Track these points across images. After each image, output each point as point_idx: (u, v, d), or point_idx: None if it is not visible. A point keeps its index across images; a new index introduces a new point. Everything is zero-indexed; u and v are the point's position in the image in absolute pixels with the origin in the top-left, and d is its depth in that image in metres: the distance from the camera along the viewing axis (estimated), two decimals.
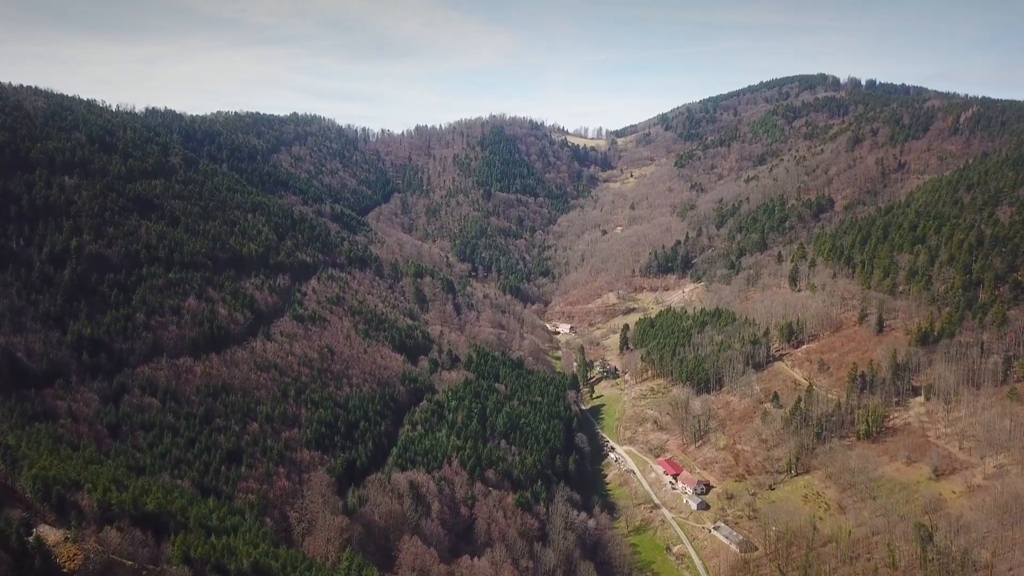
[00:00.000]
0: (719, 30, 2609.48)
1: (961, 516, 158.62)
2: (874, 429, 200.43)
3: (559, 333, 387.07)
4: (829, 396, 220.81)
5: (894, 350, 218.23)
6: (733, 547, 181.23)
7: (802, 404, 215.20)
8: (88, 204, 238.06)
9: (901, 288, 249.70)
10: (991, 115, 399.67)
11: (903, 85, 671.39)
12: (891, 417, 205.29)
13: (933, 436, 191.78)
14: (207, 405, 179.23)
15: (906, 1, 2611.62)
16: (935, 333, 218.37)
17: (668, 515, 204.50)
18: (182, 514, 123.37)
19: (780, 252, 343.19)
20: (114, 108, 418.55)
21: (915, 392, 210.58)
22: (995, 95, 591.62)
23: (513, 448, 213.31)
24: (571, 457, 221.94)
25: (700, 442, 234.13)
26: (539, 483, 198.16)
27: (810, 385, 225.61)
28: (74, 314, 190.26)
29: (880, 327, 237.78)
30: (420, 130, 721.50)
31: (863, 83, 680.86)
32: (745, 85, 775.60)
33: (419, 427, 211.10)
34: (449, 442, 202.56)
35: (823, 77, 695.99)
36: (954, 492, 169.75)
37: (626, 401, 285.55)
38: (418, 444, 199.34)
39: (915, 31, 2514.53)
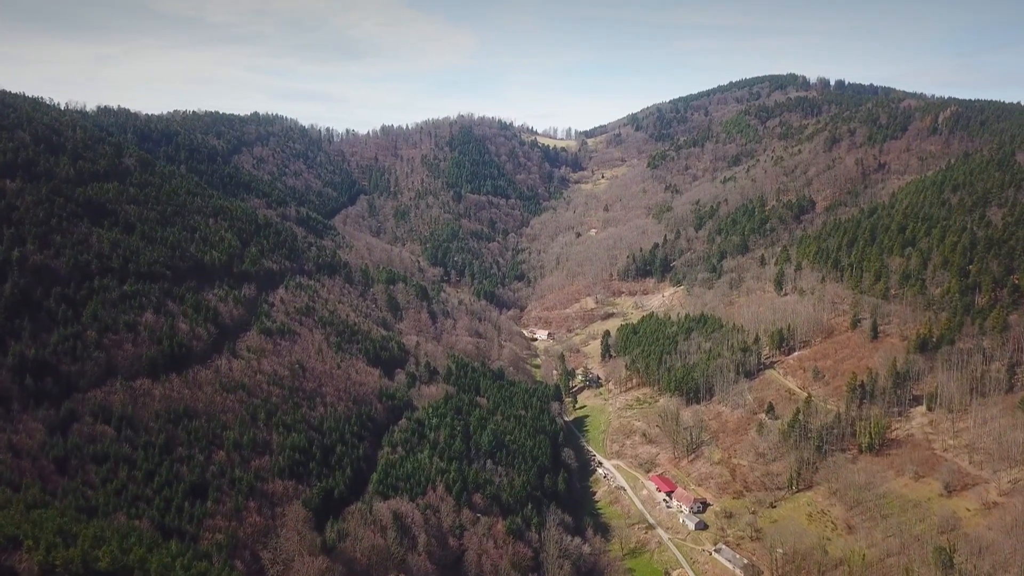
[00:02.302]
0: (685, 31, 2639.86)
1: (980, 536, 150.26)
2: (877, 441, 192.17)
3: (537, 340, 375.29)
4: (827, 406, 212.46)
5: (893, 357, 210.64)
6: (737, 571, 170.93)
7: (801, 415, 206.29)
8: (32, 210, 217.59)
9: (894, 292, 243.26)
10: (970, 115, 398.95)
11: (871, 85, 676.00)
12: (893, 428, 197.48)
13: (940, 448, 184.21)
14: (168, 432, 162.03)
15: (871, 3, 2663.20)
16: (934, 339, 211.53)
17: (664, 536, 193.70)
18: (141, 567, 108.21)
19: (763, 255, 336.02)
20: (62, 106, 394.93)
21: (916, 401, 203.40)
22: (960, 95, 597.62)
23: (500, 468, 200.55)
24: (560, 475, 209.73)
25: (693, 456, 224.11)
26: (529, 506, 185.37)
27: (808, 395, 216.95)
28: (16, 333, 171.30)
29: (875, 333, 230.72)
30: (386, 130, 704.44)
31: (832, 83, 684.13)
32: (715, 85, 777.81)
33: (399, 449, 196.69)
34: (432, 464, 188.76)
35: (793, 77, 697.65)
36: (968, 510, 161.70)
37: (611, 412, 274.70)
38: (399, 468, 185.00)
39: (880, 32, 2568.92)
